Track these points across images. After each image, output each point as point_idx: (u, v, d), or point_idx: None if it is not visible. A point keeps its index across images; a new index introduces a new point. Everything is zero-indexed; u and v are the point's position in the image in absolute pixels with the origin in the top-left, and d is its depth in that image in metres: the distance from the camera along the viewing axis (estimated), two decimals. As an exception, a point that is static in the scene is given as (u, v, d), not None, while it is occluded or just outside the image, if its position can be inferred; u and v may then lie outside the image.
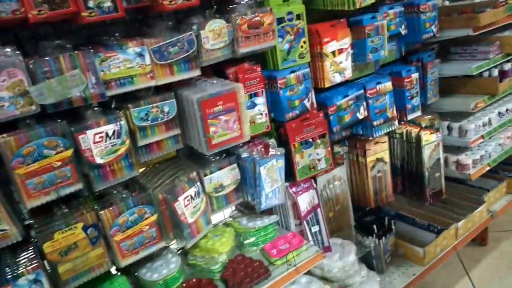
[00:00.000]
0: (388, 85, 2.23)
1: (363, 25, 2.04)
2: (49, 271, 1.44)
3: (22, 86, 1.23)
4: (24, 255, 1.43)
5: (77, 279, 1.49)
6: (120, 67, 1.39)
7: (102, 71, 1.36)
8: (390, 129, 2.28)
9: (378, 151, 2.31)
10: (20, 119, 1.28)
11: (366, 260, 2.29)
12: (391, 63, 2.44)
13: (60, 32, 1.53)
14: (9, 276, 1.34)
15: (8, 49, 1.22)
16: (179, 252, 1.96)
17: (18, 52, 1.24)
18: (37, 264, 1.37)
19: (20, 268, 1.37)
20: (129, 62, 1.41)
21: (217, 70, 1.81)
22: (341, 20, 2.02)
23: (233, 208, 2.36)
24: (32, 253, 1.43)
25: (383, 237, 2.24)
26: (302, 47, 1.89)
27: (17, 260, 1.41)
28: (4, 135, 1.25)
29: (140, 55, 1.43)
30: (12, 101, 1.22)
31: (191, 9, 1.65)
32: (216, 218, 2.13)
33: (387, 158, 2.36)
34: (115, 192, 1.55)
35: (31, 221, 1.49)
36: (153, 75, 1.48)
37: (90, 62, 1.33)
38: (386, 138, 2.34)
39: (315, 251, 1.94)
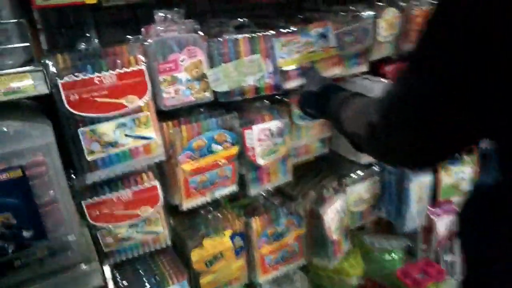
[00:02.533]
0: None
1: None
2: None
3: (200, 68, 1.05)
4: (164, 260, 1.26)
5: (216, 293, 1.30)
6: (300, 52, 1.18)
7: (282, 57, 1.16)
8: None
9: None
10: (186, 107, 1.10)
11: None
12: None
13: (218, 12, 1.36)
14: (152, 284, 1.17)
15: (190, 22, 1.04)
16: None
17: (196, 26, 1.06)
18: (182, 273, 1.19)
19: (163, 276, 1.19)
20: (311, 46, 1.19)
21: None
22: None
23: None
24: (174, 259, 1.26)
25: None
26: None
27: (158, 264, 1.24)
28: (173, 122, 1.07)
29: (323, 36, 1.22)
30: (188, 85, 1.04)
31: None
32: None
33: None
34: (262, 198, 1.36)
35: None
36: (338, 61, 1.27)
37: (270, 47, 1.13)
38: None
39: (455, 285, 1.68)
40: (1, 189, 0.69)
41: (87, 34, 1.13)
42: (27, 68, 0.69)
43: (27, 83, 0.68)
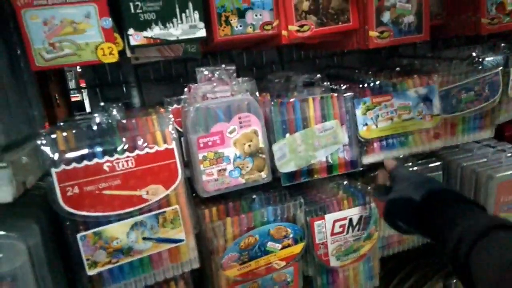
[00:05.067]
0: None
1: None
2: None
3: (255, 140, 0.78)
4: None
5: None
6: (392, 118, 0.86)
7: (366, 124, 0.85)
8: None
9: None
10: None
11: None
12: None
13: (287, 62, 1.09)
14: None
15: (245, 81, 0.79)
16: None
17: (253, 85, 0.80)
18: None
19: None
20: (407, 111, 0.87)
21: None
22: None
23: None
24: None
25: None
26: None
27: None
28: (217, 208, 0.80)
29: (426, 99, 0.88)
30: (237, 164, 0.77)
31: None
32: None
33: None
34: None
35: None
36: (439, 132, 0.91)
37: (346, 111, 0.83)
38: None
39: None
40: None
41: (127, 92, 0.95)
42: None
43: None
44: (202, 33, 0.71)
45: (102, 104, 0.67)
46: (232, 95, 0.78)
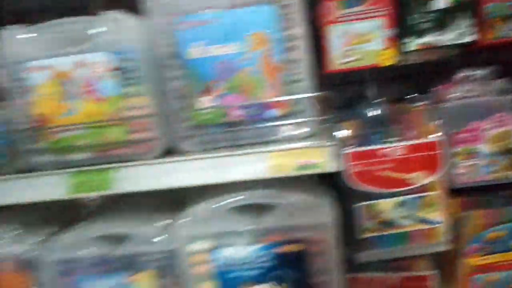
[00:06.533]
0: None
1: None
2: None
3: (508, 140, 0.81)
4: None
5: None
6: None
7: None
8: None
9: None
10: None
11: None
12: None
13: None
14: None
15: (501, 83, 0.82)
16: None
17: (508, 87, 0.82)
18: None
19: None
20: None
21: None
22: None
23: None
24: None
25: None
26: None
27: None
28: (463, 201, 0.86)
29: None
30: (488, 160, 0.82)
31: None
32: None
33: None
34: None
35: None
36: None
37: None
38: None
39: None
40: (282, 261, 0.69)
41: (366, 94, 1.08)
42: (325, 143, 0.66)
43: (320, 159, 0.65)
44: (471, 38, 0.77)
45: (378, 100, 0.81)
46: (486, 95, 0.83)
